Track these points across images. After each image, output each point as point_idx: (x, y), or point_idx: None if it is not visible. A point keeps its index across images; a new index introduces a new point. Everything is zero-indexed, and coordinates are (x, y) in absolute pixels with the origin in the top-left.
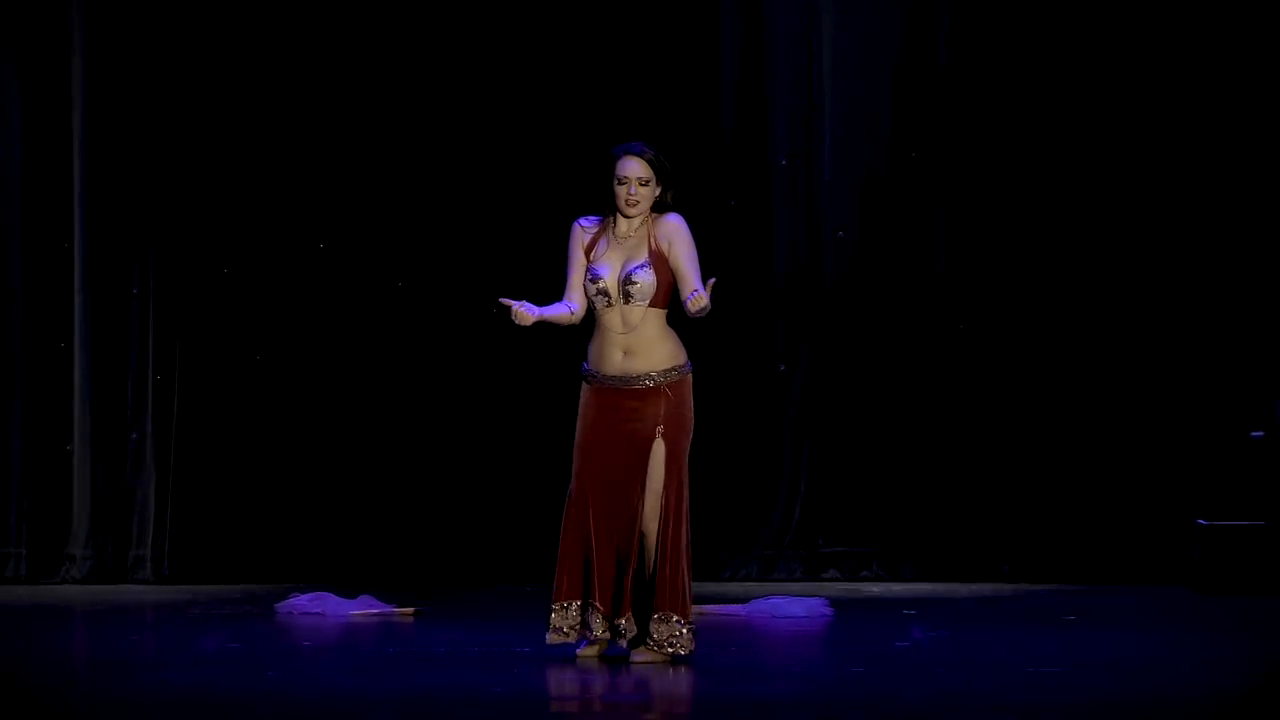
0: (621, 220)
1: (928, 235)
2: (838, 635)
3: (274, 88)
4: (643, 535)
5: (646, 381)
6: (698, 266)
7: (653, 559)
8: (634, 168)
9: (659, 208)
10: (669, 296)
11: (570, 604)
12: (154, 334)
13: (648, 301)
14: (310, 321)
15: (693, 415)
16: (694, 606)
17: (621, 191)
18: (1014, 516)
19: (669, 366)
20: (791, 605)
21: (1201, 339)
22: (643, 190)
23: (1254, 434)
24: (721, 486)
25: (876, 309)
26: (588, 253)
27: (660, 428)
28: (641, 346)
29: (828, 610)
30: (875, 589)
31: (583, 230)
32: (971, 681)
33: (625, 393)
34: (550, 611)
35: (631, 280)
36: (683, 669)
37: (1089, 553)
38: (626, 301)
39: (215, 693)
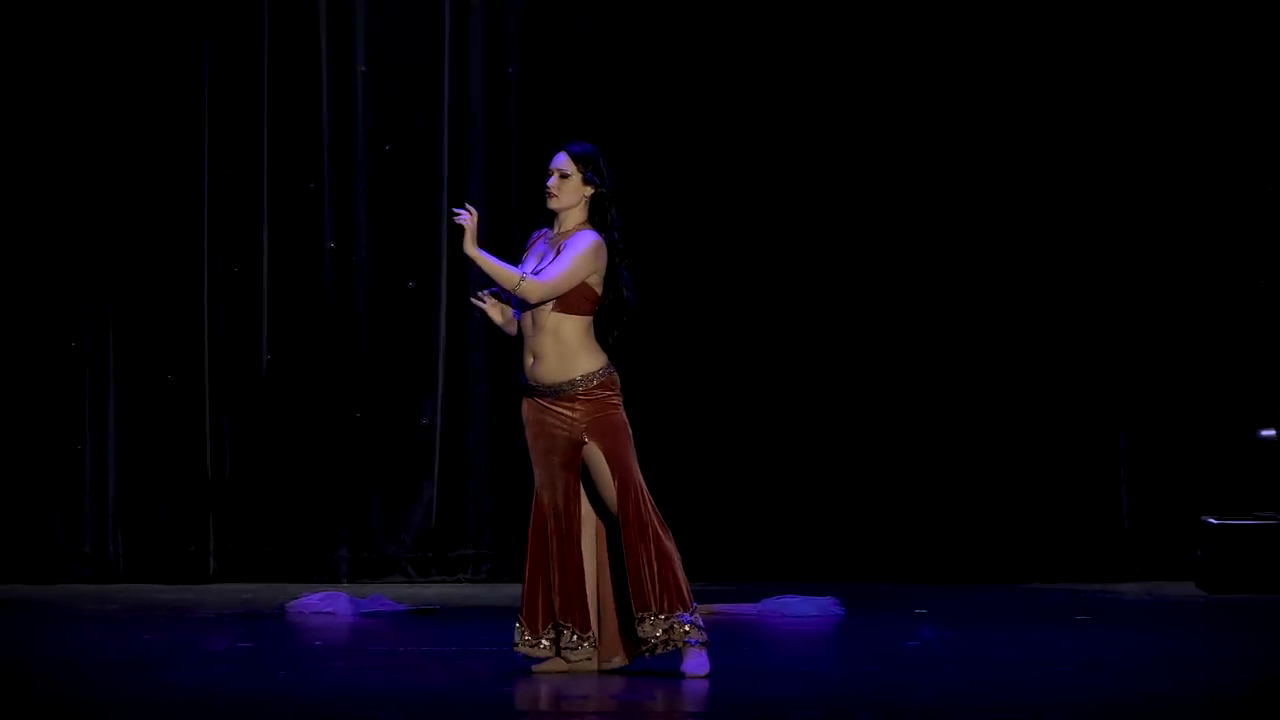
0: (556, 222)
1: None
2: (849, 634)
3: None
4: (604, 547)
5: (562, 389)
6: (557, 267)
7: (619, 565)
8: (556, 160)
9: (597, 220)
10: (585, 304)
11: (527, 626)
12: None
13: (551, 306)
14: (318, 326)
15: (622, 416)
16: (705, 605)
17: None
18: (1022, 515)
19: (578, 375)
20: (802, 604)
21: (1210, 336)
22: (562, 183)
23: (1262, 433)
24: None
25: None
26: (525, 251)
27: (585, 433)
28: (549, 352)
29: (839, 609)
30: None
31: (536, 232)
32: (982, 680)
33: (544, 402)
34: (517, 622)
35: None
36: (694, 673)
37: (1098, 551)
38: (530, 305)
39: (225, 693)
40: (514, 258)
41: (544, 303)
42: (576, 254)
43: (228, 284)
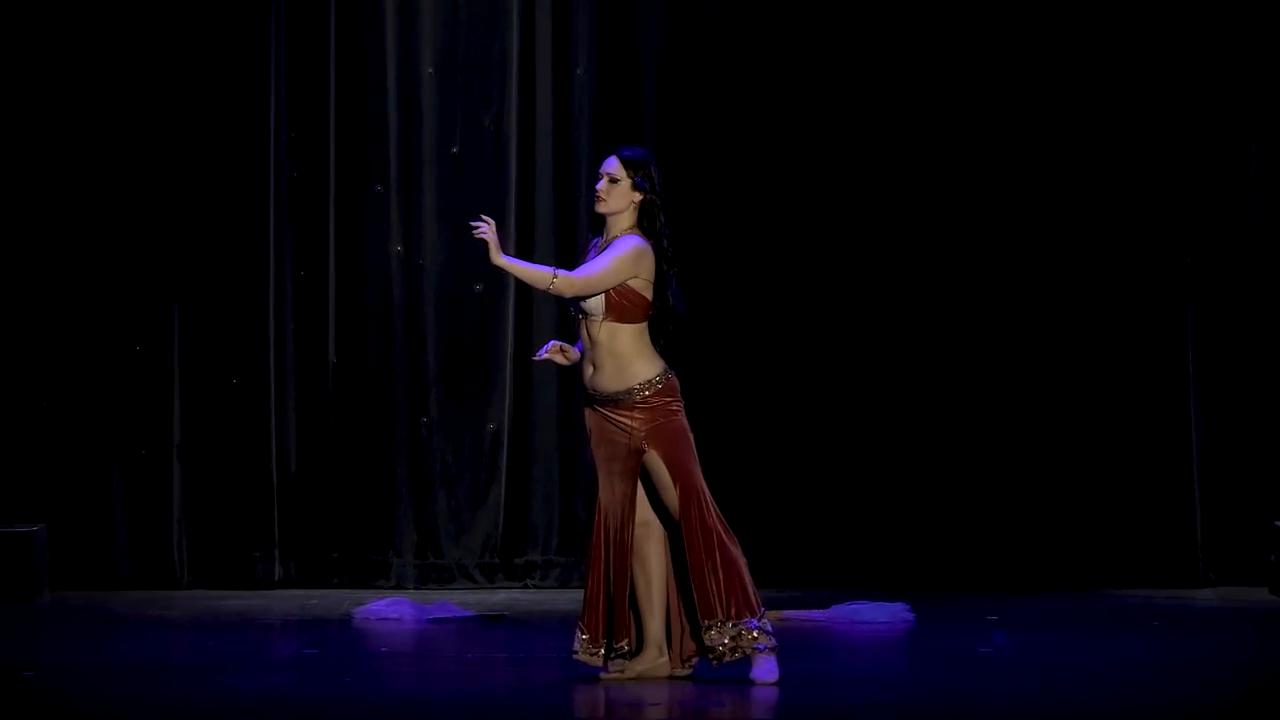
0: (605, 227)
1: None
2: (920, 640)
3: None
4: (646, 556)
5: (620, 398)
6: (596, 266)
7: (685, 573)
8: (606, 164)
9: (646, 226)
10: (637, 311)
11: (587, 635)
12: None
13: (602, 316)
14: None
15: (682, 421)
16: (774, 611)
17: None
18: (1094, 520)
19: (635, 384)
20: (874, 610)
21: None
22: (612, 188)
23: None
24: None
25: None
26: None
27: (645, 441)
28: (606, 362)
29: (910, 615)
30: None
31: (592, 241)
32: (1055, 687)
33: (605, 410)
34: (578, 630)
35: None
36: (763, 679)
37: (1171, 557)
38: (584, 315)
39: (291, 700)
40: (575, 262)
41: (581, 298)
42: (616, 254)
43: (295, 287)
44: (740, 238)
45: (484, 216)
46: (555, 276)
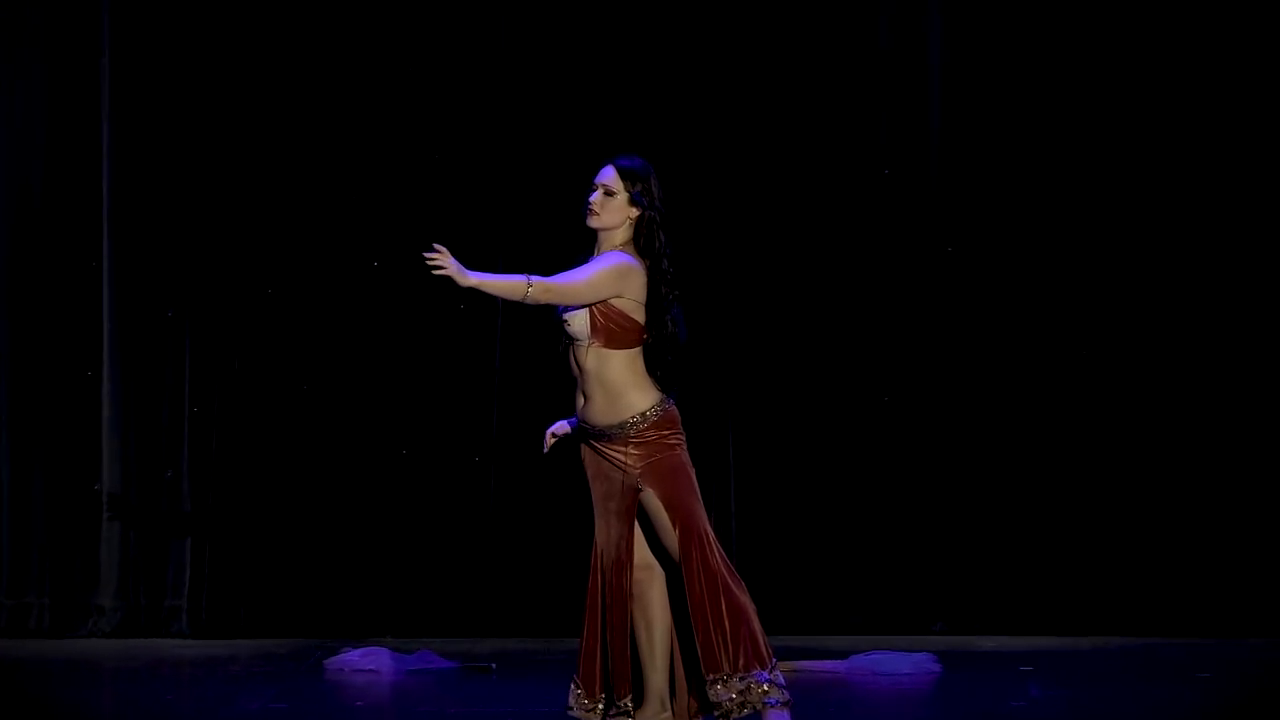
0: (596, 245)
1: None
2: (947, 694)
3: (323, 94)
4: (648, 602)
5: (613, 432)
6: (575, 274)
7: (686, 621)
8: (601, 175)
9: (643, 245)
10: (627, 336)
11: (582, 690)
12: (191, 361)
13: (588, 340)
14: (365, 348)
15: (681, 456)
16: (787, 662)
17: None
18: (1140, 566)
19: (629, 416)
20: (896, 661)
21: None
22: (606, 201)
23: None
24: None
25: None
26: None
27: (640, 478)
28: (596, 392)
29: (936, 666)
30: (989, 644)
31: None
32: None
33: (599, 445)
34: (572, 683)
35: (563, 319)
36: None
37: (1219, 602)
38: (570, 341)
39: None
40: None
41: (560, 309)
42: (598, 267)
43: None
44: (755, 256)
45: (434, 245)
46: (530, 284)
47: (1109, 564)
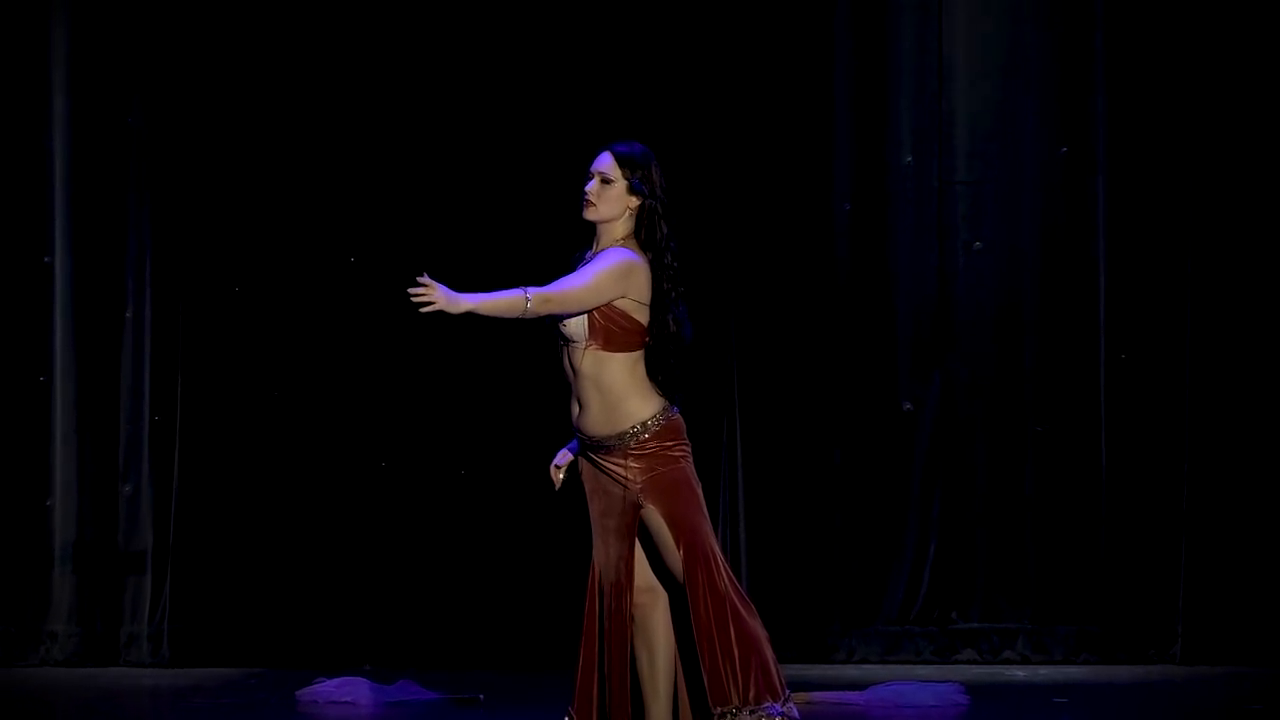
0: (594, 238)
1: (1082, 247)
2: None
3: (289, 81)
4: (651, 628)
5: (612, 443)
6: (575, 280)
7: (691, 648)
8: (598, 161)
9: (645, 237)
10: (628, 339)
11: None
12: (151, 365)
13: (585, 342)
14: (341, 350)
15: (685, 469)
16: (801, 693)
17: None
18: (1189, 586)
19: (628, 426)
20: (919, 692)
21: None
22: (603, 190)
23: None
24: (833, 549)
25: (1020, 333)
26: None
27: (641, 494)
28: (592, 399)
29: (963, 698)
30: (1020, 673)
31: (576, 257)
32: None
33: (597, 458)
34: (567, 716)
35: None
36: None
37: (1275, 631)
38: (565, 342)
39: None
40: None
41: (559, 318)
42: (600, 268)
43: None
44: (764, 253)
45: (418, 279)
46: (529, 297)
47: (1142, 587)
